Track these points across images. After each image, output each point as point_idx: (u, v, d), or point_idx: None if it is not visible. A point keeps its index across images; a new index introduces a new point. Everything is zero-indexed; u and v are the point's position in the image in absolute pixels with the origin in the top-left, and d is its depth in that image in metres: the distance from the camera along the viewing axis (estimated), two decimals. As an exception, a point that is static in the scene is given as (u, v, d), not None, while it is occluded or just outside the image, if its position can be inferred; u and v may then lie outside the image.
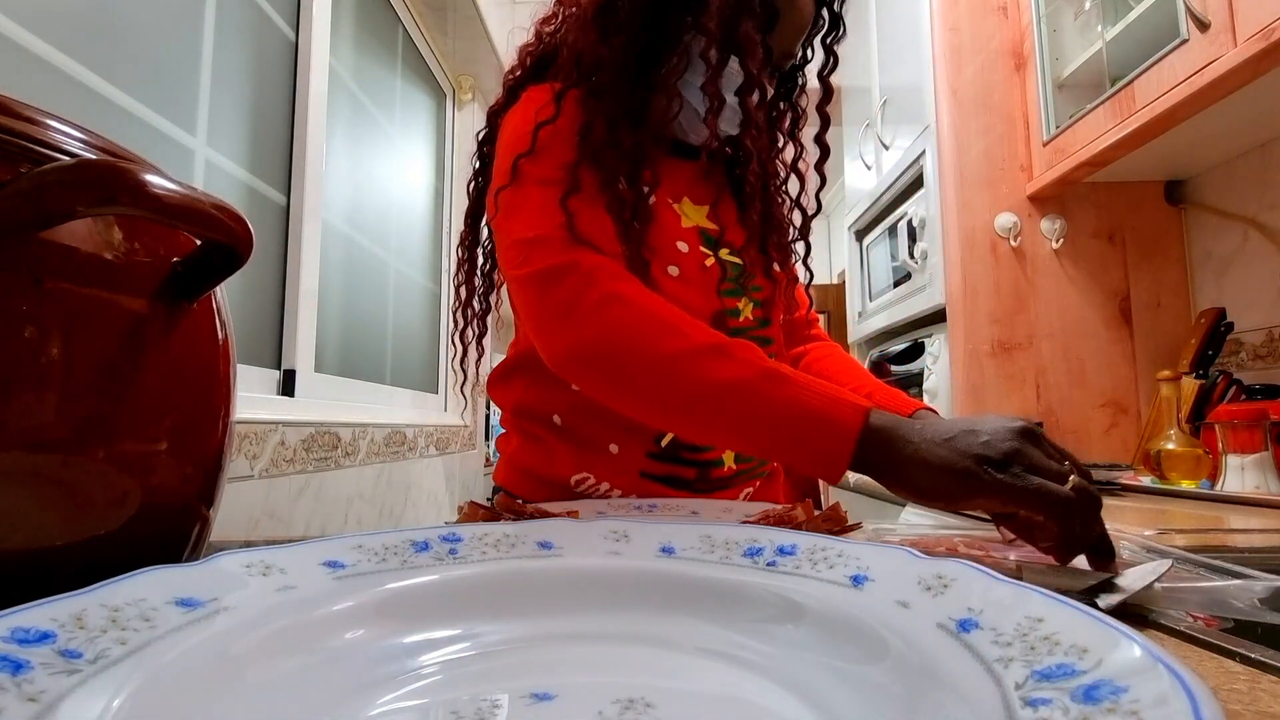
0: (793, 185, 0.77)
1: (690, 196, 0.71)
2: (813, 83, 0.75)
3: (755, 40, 0.61)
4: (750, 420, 0.49)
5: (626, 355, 0.52)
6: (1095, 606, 0.27)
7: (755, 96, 0.62)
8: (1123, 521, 0.76)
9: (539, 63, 0.74)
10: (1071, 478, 0.40)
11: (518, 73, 0.75)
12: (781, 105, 0.74)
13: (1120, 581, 0.35)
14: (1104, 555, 0.38)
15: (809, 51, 0.73)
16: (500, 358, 0.78)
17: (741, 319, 0.70)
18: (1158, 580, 0.35)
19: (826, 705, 0.23)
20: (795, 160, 0.75)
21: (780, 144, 0.75)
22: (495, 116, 0.72)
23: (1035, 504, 0.39)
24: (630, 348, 0.52)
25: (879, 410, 0.47)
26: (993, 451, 0.41)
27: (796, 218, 0.78)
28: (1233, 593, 0.36)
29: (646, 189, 0.63)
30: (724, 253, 0.71)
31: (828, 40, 0.72)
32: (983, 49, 1.61)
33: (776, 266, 0.74)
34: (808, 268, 0.81)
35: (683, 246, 0.68)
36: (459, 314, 0.78)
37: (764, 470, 0.75)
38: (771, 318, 0.73)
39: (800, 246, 0.79)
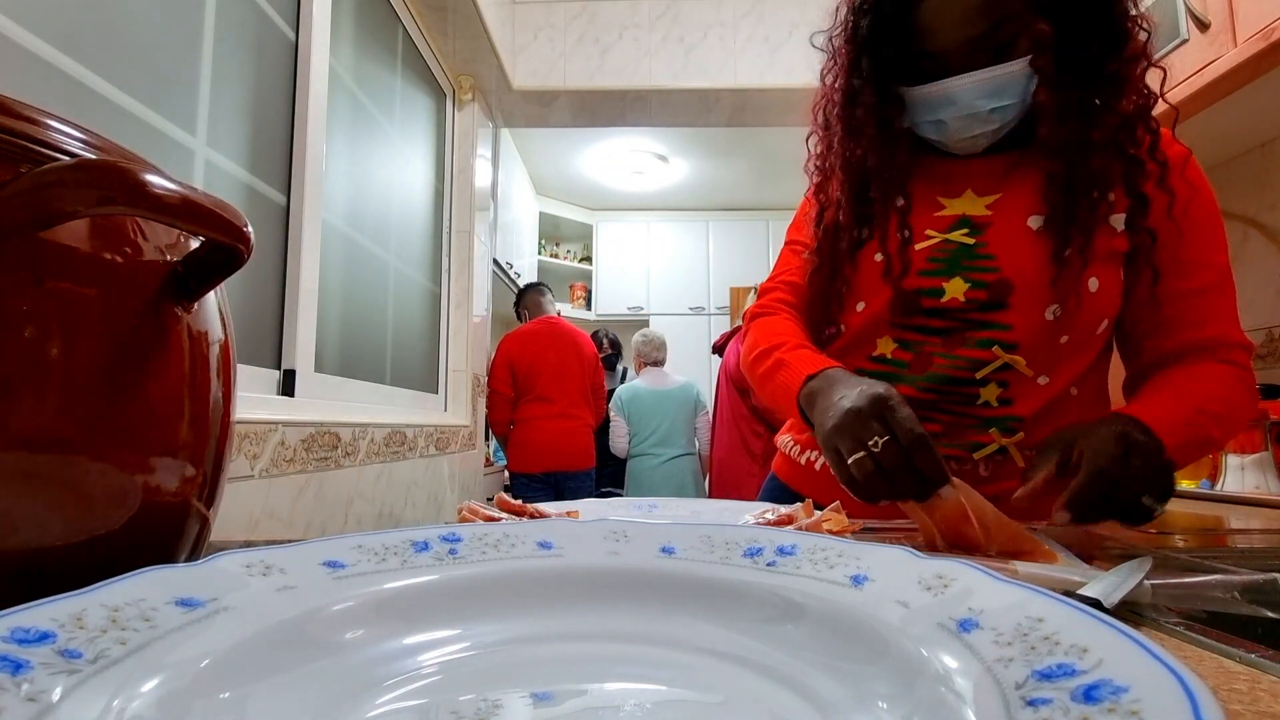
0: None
1: (974, 189, 0.72)
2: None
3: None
4: (770, 392, 0.73)
5: (743, 363, 0.82)
6: (1095, 605, 0.27)
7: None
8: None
9: None
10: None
11: None
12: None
13: (1110, 580, 0.35)
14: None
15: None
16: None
17: (946, 299, 0.69)
18: (1146, 578, 0.35)
19: (826, 705, 0.23)
20: (1115, 136, 0.65)
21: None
22: None
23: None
24: (743, 360, 0.82)
25: (823, 372, 0.65)
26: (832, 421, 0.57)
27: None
28: (1213, 587, 0.36)
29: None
30: (959, 234, 0.70)
31: None
32: (983, 49, 1.60)
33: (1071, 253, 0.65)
34: (1152, 265, 0.66)
35: (904, 234, 0.72)
36: None
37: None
38: (1010, 302, 0.67)
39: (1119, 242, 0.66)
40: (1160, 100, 0.66)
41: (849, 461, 0.53)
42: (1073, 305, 0.65)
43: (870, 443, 0.52)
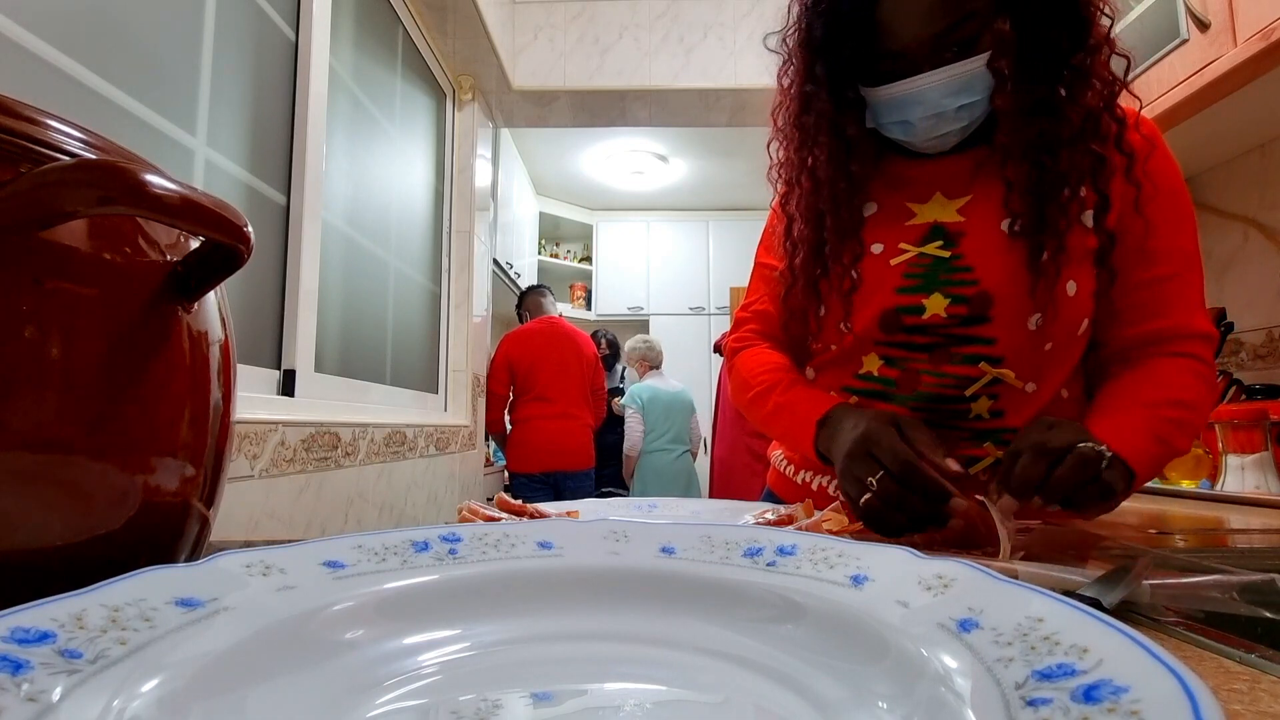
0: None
1: (943, 191, 0.69)
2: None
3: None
4: (780, 435, 0.77)
5: (737, 401, 0.83)
6: (1095, 605, 0.27)
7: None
8: (1123, 521, 0.76)
9: None
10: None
11: None
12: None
13: (1110, 580, 0.35)
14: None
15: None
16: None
17: (927, 315, 0.67)
18: (1145, 578, 0.35)
19: (826, 705, 0.23)
20: (1083, 134, 0.62)
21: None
22: None
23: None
24: (735, 398, 0.84)
25: (828, 415, 0.66)
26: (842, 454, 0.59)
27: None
28: (1211, 587, 0.36)
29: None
30: (933, 246, 0.67)
31: None
32: (983, 49, 1.60)
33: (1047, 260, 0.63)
34: (1109, 268, 0.64)
35: (876, 249, 0.69)
36: None
37: None
38: (992, 315, 0.65)
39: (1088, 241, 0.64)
40: (1125, 89, 0.64)
41: (861, 504, 0.55)
42: (1052, 313, 0.64)
43: (868, 482, 0.54)
